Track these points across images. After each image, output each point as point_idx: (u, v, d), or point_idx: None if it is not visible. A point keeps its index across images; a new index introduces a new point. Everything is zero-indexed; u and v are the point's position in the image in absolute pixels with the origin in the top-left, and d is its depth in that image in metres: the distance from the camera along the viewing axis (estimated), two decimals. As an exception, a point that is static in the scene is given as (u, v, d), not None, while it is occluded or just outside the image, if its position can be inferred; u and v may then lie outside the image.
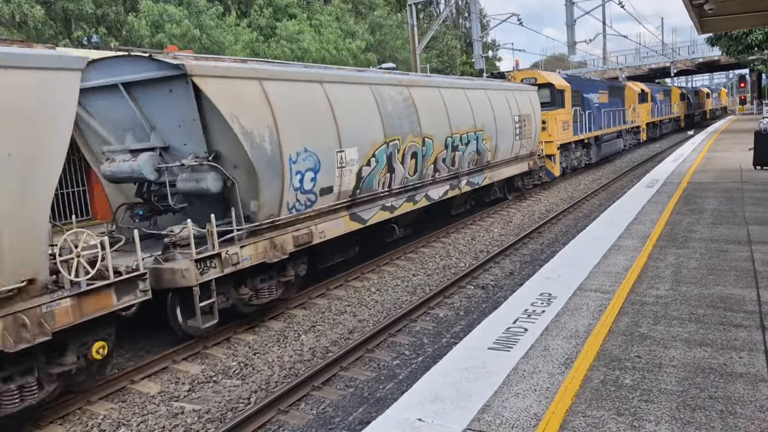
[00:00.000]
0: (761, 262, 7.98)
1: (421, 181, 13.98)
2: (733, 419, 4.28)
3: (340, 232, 11.18)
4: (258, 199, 9.24)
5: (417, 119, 13.55)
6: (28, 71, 6.07)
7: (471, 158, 16.33)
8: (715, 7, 13.82)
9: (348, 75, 12.15)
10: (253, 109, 9.16)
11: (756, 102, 60.22)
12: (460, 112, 15.55)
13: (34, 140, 6.19)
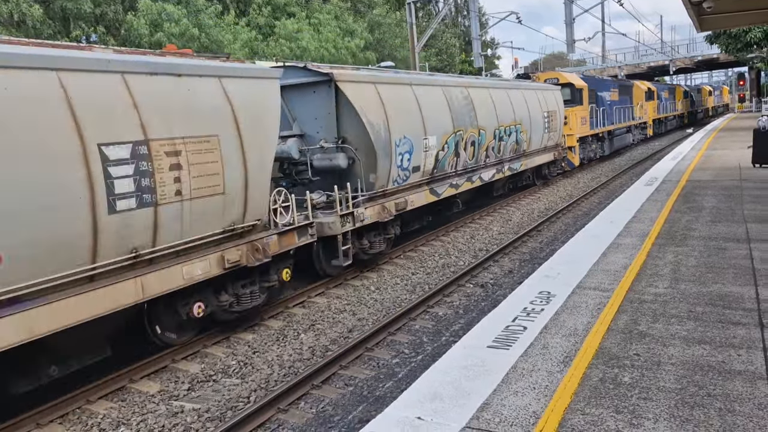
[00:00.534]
0: (760, 260, 8.00)
1: (477, 165, 16.87)
2: (731, 417, 4.29)
3: (422, 203, 14.15)
4: (375, 173, 12.27)
5: (474, 114, 16.37)
6: (261, 80, 9.21)
7: (512, 147, 19.19)
8: (714, 5, 13.82)
9: (427, 78, 15.30)
10: (373, 106, 12.18)
11: (755, 100, 60.23)
12: (503, 108, 18.31)
13: (265, 125, 9.18)
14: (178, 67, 7.96)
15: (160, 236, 7.60)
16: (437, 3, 62.31)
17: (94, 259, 6.84)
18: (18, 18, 27.28)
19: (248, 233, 9.03)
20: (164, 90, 7.69)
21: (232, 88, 8.66)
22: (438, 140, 14.36)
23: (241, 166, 8.68)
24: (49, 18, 29.37)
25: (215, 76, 8.51)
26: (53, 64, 6.51)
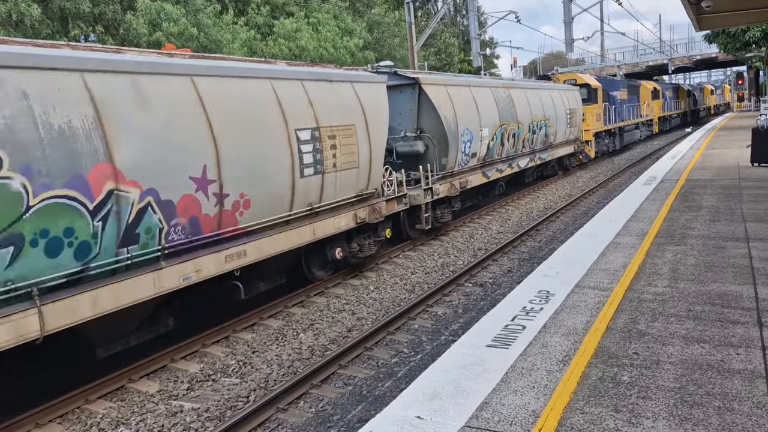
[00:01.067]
0: (759, 259, 8.01)
1: (516, 153, 19.89)
2: (730, 415, 4.29)
3: (477, 183, 17.30)
4: (447, 157, 15.43)
5: (514, 111, 19.42)
6: (376, 84, 12.49)
7: (542, 139, 22.12)
8: (713, 4, 13.84)
9: (480, 81, 18.96)
10: (445, 104, 15.31)
11: (753, 99, 60.26)
12: (536, 106, 21.40)
13: (380, 118, 12.24)
14: (330, 75, 11.22)
15: (324, 196, 10.76)
16: (436, 2, 62.32)
17: (291, 209, 9.98)
18: (16, 18, 27.24)
19: (369, 198, 12.13)
20: (324, 92, 10.81)
21: (360, 90, 11.82)
22: (489, 132, 17.59)
23: (368, 147, 11.79)
24: (48, 18, 29.33)
25: (350, 81, 11.63)
26: (270, 75, 9.76)
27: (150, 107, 7.59)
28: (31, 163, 6.24)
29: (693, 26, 18.47)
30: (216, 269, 8.51)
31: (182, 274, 8.01)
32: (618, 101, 33.38)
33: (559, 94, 24.51)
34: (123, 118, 7.24)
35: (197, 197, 8.11)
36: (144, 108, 7.51)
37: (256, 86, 9.30)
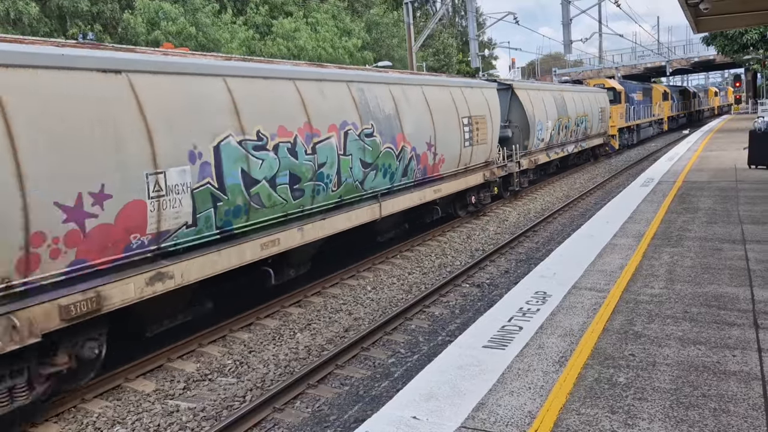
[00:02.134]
0: (755, 261, 8.02)
1: (566, 141, 26.07)
2: (726, 417, 4.30)
3: (543, 161, 23.38)
4: (528, 140, 21.47)
5: (566, 108, 25.57)
6: (492, 89, 18.52)
7: (582, 131, 28.20)
8: (711, 6, 13.86)
9: (547, 86, 26.17)
10: (528, 102, 21.47)
11: (751, 101, 60.36)
12: (579, 105, 27.44)
13: (496, 112, 18.31)
14: (473, 83, 17.71)
15: (471, 160, 16.56)
16: (435, 3, 62.34)
17: (458, 166, 15.92)
18: (14, 16, 27.19)
19: (489, 165, 17.82)
20: (472, 93, 16.98)
21: (486, 93, 17.88)
22: (552, 124, 23.63)
23: (492, 130, 17.59)
24: (46, 16, 29.28)
25: (480, 87, 17.77)
26: (455, 84, 16.49)
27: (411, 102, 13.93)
28: (382, 129, 12.36)
29: (691, 28, 18.51)
30: (431, 196, 14.80)
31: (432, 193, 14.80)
32: (636, 102, 39.12)
33: (594, 95, 30.59)
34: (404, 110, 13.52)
35: (427, 154, 14.28)
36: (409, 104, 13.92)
37: (451, 92, 15.91)
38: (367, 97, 12.13)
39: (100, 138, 6.97)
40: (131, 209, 7.33)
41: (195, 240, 8.27)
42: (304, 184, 10.15)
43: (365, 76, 12.56)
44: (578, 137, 27.58)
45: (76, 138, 6.74)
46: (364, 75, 12.62)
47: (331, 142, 10.79)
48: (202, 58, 9.22)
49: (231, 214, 8.79)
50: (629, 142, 38.44)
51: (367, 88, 12.20)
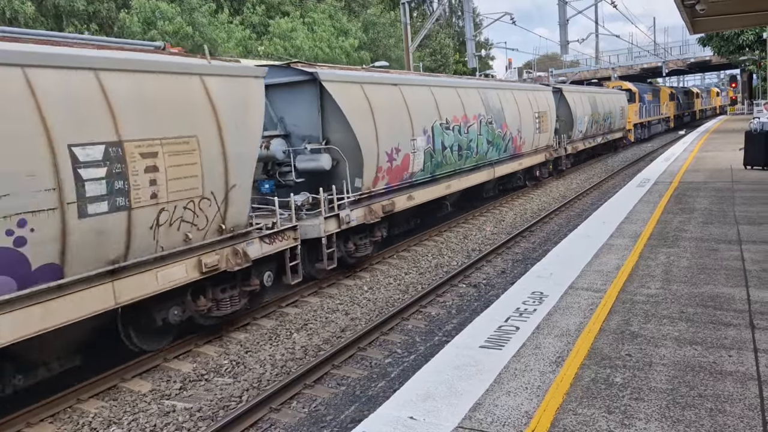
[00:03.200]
0: (751, 261, 8.04)
1: (596, 133, 31.55)
2: (722, 417, 4.31)
3: (581, 148, 28.93)
4: (572, 131, 27.09)
5: (597, 107, 31.09)
6: (548, 91, 24.48)
7: (607, 126, 33.79)
8: (707, 7, 13.90)
9: (585, 89, 31.18)
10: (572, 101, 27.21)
11: (747, 102, 60.52)
12: (606, 104, 33.19)
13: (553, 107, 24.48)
14: (538, 88, 23.68)
15: (540, 143, 22.51)
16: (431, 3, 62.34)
17: (531, 147, 22.00)
18: (10, 15, 27.10)
19: (548, 148, 23.19)
20: (539, 96, 22.36)
21: (547, 94, 23.20)
22: (588, 119, 29.35)
23: (551, 122, 22.78)
24: (42, 15, 29.20)
25: (543, 90, 23.05)
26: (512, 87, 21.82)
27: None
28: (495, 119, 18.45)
29: (687, 29, 18.56)
30: (517, 168, 20.50)
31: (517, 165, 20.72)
32: (647, 102, 45.31)
33: (615, 96, 36.62)
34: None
35: (516, 137, 19.95)
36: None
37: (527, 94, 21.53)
38: (487, 97, 18.56)
39: (399, 123, 13.55)
40: (405, 159, 13.79)
41: (422, 179, 14.84)
42: (463, 151, 16.67)
43: (484, 84, 19.64)
44: (604, 131, 33.62)
45: (393, 122, 13.32)
46: (483, 83, 19.83)
47: (474, 126, 17.31)
48: (422, 75, 17.96)
49: (436, 166, 15.34)
50: (642, 136, 44.98)
51: (485, 92, 18.64)
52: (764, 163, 17.00)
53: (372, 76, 13.39)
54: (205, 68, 8.58)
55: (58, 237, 6.64)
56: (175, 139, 7.89)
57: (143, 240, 7.59)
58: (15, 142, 6.24)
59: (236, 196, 8.93)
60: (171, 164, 7.81)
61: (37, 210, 6.45)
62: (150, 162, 7.55)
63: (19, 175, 6.27)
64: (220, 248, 8.77)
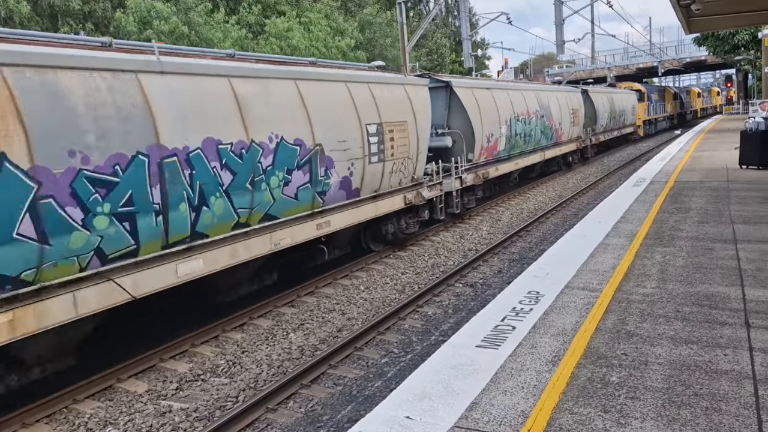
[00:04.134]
0: (746, 261, 8.07)
1: (612, 127, 36.30)
2: (717, 416, 4.32)
3: (603, 139, 34.19)
4: (595, 125, 32.52)
5: (614, 105, 36.00)
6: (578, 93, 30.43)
7: (621, 122, 38.94)
8: (702, 7, 13.94)
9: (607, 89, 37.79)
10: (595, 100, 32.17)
11: (742, 102, 60.71)
12: (620, 103, 38.06)
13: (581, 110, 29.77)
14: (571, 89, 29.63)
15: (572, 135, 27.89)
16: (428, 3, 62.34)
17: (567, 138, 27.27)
18: (5, 14, 27.02)
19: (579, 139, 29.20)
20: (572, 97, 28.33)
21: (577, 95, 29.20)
22: (607, 115, 34.28)
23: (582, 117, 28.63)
24: (37, 14, 29.12)
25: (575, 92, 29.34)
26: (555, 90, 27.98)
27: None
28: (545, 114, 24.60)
29: (683, 29, 18.61)
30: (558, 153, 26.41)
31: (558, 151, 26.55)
32: (654, 101, 51.02)
33: (627, 96, 41.88)
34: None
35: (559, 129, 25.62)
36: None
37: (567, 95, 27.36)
38: (540, 97, 23.89)
39: (493, 116, 18.93)
40: (495, 141, 18.97)
41: (503, 157, 20.07)
42: (527, 137, 21.90)
43: (538, 87, 25.81)
44: (619, 126, 38.68)
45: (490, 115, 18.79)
46: (538, 87, 26.37)
47: (533, 119, 22.60)
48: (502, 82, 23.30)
49: (511, 148, 20.44)
50: (650, 132, 50.58)
51: (539, 93, 24.08)
52: (759, 163, 17.05)
53: (478, 82, 20.64)
54: (405, 80, 14.39)
55: (361, 173, 12.00)
56: (399, 122, 13.32)
57: (386, 180, 13.06)
58: (352, 123, 11.74)
59: (420, 158, 14.40)
60: (397, 137, 13.21)
61: (356, 158, 11.74)
62: (390, 135, 12.91)
63: (354, 140, 11.68)
64: (412, 190, 14.20)
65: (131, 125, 7.47)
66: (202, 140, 8.35)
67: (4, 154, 6.21)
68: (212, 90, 8.70)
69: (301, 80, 10.46)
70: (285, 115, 9.93)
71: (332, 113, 11.11)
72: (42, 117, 6.62)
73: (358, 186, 11.91)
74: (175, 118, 8.04)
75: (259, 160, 9.29)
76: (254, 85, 9.47)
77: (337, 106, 11.32)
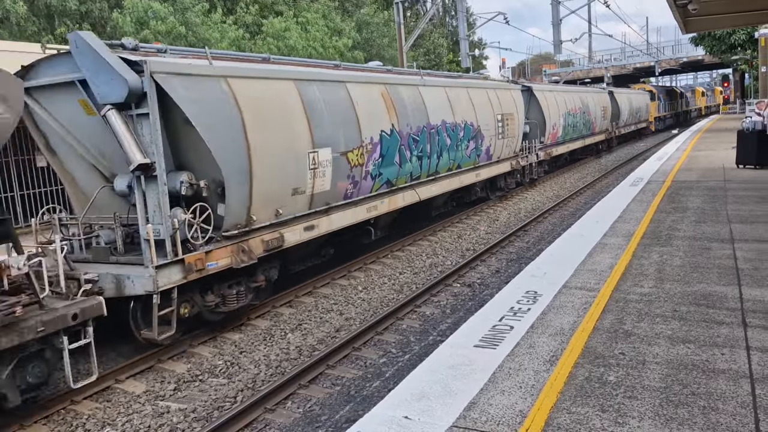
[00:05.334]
0: (743, 260, 8.09)
1: (630, 122, 43.17)
2: (714, 415, 4.33)
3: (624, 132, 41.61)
4: (618, 120, 39.37)
5: (632, 104, 42.88)
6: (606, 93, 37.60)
7: (638, 118, 45.39)
8: (699, 7, 13.97)
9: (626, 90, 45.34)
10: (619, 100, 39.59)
11: (739, 101, 60.84)
12: (637, 102, 44.72)
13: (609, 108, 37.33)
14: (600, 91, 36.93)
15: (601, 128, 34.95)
16: (425, 3, 62.36)
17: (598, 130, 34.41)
18: (1, 14, 26.96)
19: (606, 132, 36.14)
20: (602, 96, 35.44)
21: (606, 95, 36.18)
22: (629, 111, 41.44)
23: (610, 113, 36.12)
24: (34, 15, 29.06)
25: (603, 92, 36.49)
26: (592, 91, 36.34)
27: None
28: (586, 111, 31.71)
29: (680, 29, 18.65)
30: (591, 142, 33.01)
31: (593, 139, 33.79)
32: (663, 100, 56.52)
33: (642, 96, 48.32)
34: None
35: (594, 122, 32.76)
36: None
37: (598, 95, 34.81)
38: (582, 97, 30.35)
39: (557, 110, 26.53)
40: (557, 129, 26.49)
41: (560, 142, 27.30)
42: (574, 127, 28.83)
43: (581, 89, 32.59)
44: (636, 121, 45.11)
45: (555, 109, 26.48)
46: (581, 89, 33.23)
47: (578, 114, 29.03)
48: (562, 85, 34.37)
49: (564, 135, 27.59)
50: (660, 127, 55.81)
51: (581, 94, 30.48)
52: (756, 162, 17.09)
53: (547, 87, 28.68)
54: (510, 86, 21.75)
55: (494, 145, 19.19)
56: (509, 114, 20.26)
57: (504, 151, 20.08)
58: (490, 113, 19.03)
59: (518, 139, 21.23)
60: (509, 123, 19.98)
61: (491, 135, 19.08)
62: (507, 121, 19.87)
63: (491, 124, 19.07)
64: (514, 159, 21.01)
65: (421, 112, 14.73)
66: (440, 120, 15.65)
67: (393, 125, 13.27)
68: (438, 94, 15.96)
69: (471, 88, 18.21)
70: (465, 108, 17.19)
71: (483, 108, 18.35)
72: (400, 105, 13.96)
73: (491, 153, 19.20)
74: (433, 109, 15.31)
75: (458, 133, 16.66)
76: (457, 92, 17.07)
77: (485, 103, 18.62)
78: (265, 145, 9.37)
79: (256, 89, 9.48)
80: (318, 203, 10.89)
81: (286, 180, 9.95)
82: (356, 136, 11.78)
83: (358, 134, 11.82)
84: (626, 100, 41.20)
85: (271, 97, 9.77)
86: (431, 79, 16.05)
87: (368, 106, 12.34)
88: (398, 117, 13.46)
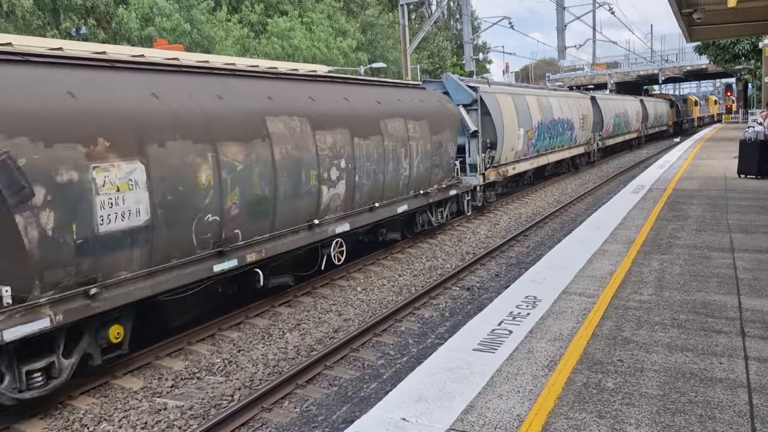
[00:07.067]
0: (743, 270, 8.09)
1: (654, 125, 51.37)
2: (712, 424, 4.34)
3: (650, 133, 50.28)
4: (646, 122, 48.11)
5: (657, 109, 52.07)
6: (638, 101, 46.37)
7: (660, 121, 53.56)
8: (704, 16, 13.99)
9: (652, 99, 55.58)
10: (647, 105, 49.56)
11: (742, 111, 60.91)
12: (659, 108, 53.18)
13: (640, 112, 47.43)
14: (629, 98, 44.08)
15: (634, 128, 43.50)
16: (430, 5, 62.47)
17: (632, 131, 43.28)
18: (7, 8, 27.01)
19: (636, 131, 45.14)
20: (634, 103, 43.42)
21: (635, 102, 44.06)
22: (653, 116, 49.52)
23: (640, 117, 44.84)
24: (39, 9, 29.11)
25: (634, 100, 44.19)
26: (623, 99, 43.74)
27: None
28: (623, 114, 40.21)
29: (684, 37, 18.68)
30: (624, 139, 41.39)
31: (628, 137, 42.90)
32: (679, 107, 62.75)
33: (663, 103, 55.48)
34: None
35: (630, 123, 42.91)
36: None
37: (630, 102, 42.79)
38: (621, 104, 38.65)
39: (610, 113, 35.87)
40: (609, 126, 35.80)
41: (610, 136, 36.98)
42: (618, 126, 37.68)
43: (620, 98, 41.94)
44: (659, 125, 52.48)
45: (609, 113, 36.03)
46: (621, 98, 42.54)
47: (620, 116, 37.96)
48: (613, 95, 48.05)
49: (613, 131, 36.82)
50: (677, 131, 61.35)
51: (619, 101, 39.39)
52: (758, 173, 17.10)
53: (602, 95, 36.79)
54: (583, 96, 31.09)
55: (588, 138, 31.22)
56: (585, 116, 29.23)
57: (580, 139, 29.30)
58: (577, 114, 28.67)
59: (589, 130, 30.56)
60: (584, 120, 29.27)
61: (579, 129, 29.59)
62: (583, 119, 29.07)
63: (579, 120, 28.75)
64: (587, 145, 30.70)
65: (548, 111, 24.20)
66: (557, 117, 24.82)
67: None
68: (555, 101, 24.80)
69: (569, 98, 26.65)
70: (564, 109, 25.30)
71: (575, 110, 26.75)
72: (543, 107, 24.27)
73: (577, 140, 27.25)
74: (554, 110, 24.40)
75: (562, 125, 24.82)
76: (559, 100, 25.39)
77: (576, 107, 26.30)
78: (508, 126, 19.64)
79: (507, 99, 20.40)
80: (519, 155, 21.35)
81: (513, 144, 20.24)
82: (530, 124, 21.84)
83: (530, 123, 21.92)
84: (652, 107, 50.60)
85: (509, 102, 20.50)
86: (551, 92, 27.05)
87: (534, 108, 22.55)
88: (543, 114, 23.31)
